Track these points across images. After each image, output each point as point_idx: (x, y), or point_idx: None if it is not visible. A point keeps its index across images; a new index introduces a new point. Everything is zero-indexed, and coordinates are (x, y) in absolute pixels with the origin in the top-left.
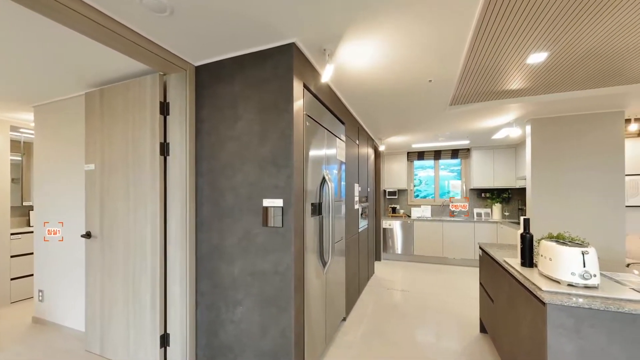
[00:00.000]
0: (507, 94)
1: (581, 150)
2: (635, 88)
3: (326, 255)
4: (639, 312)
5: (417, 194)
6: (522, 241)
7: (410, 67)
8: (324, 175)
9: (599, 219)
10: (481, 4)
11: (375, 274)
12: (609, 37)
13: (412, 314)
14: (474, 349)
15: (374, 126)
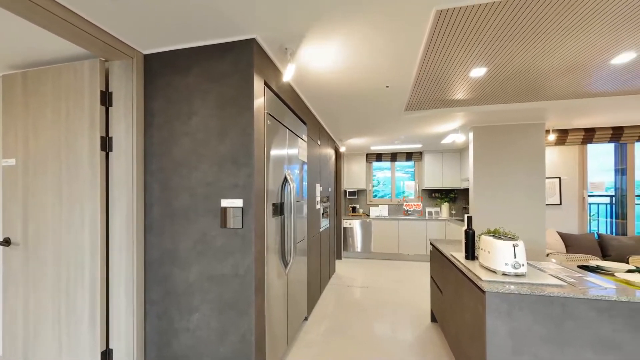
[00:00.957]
0: (454, 103)
1: (513, 156)
2: (553, 104)
3: (288, 256)
4: (556, 295)
5: (375, 194)
6: (465, 237)
7: (370, 72)
8: (286, 175)
9: (526, 216)
10: (431, 20)
11: (337, 272)
12: (534, 59)
13: (371, 309)
14: (425, 338)
15: (335, 127)
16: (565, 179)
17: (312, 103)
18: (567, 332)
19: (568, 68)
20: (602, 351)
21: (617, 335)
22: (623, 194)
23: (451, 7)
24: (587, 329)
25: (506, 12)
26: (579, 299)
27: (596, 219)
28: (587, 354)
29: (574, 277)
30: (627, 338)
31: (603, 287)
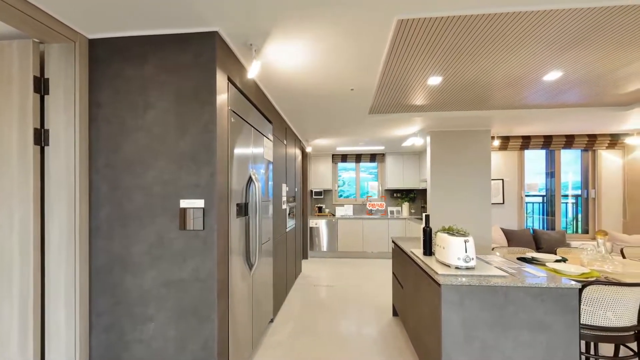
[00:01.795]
0: (414, 108)
1: (464, 159)
2: (497, 113)
3: (253, 257)
4: (499, 285)
5: (340, 194)
6: (423, 234)
7: (335, 74)
8: (251, 174)
9: (475, 214)
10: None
11: (303, 272)
12: (481, 72)
13: (336, 307)
14: (387, 331)
15: (301, 127)
16: (507, 181)
17: (278, 102)
18: (509, 317)
19: (509, 82)
20: (537, 331)
21: (547, 317)
22: (552, 194)
23: (411, 18)
24: (524, 313)
25: (458, 27)
26: (517, 287)
27: (531, 216)
28: (525, 334)
29: (514, 268)
30: (556, 319)
31: (537, 276)
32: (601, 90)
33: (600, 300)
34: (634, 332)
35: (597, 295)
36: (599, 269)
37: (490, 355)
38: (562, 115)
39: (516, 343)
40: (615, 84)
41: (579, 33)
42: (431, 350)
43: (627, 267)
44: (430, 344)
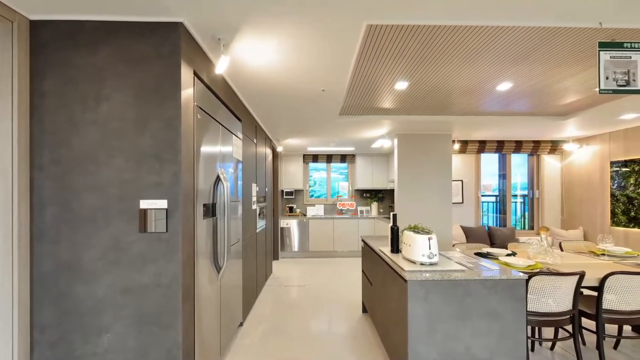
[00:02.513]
0: (382, 111)
1: (429, 161)
2: (457, 118)
3: (221, 260)
4: (459, 278)
5: (312, 194)
6: (391, 232)
7: (307, 74)
8: (219, 173)
9: (438, 213)
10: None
11: (274, 273)
12: (443, 80)
13: (308, 306)
14: (357, 328)
15: (272, 127)
16: (466, 182)
17: (248, 100)
18: (467, 308)
19: (467, 90)
20: (491, 320)
21: (500, 306)
22: (504, 194)
23: (380, 24)
24: (481, 304)
25: (422, 37)
26: (475, 280)
27: (486, 214)
28: (481, 323)
29: (472, 263)
30: (507, 308)
31: (491, 269)
32: (544, 101)
33: (543, 289)
34: (570, 315)
35: (540, 285)
36: (542, 261)
37: (451, 344)
38: (512, 122)
39: (474, 332)
40: (555, 96)
41: (525, 50)
42: (398, 343)
43: (565, 259)
44: (397, 337)
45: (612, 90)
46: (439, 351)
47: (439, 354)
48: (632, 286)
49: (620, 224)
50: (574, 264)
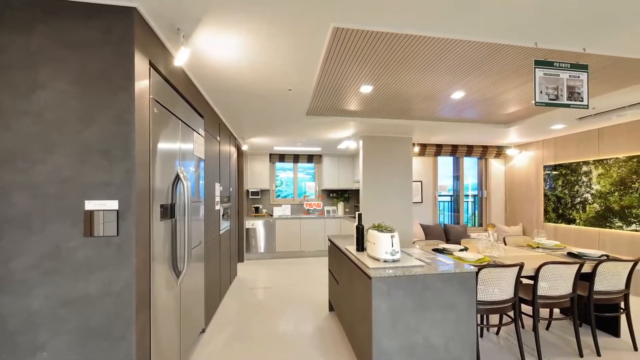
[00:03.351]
0: (348, 113)
1: (391, 162)
2: (417, 123)
3: (181, 264)
4: (419, 274)
5: (278, 194)
6: (356, 231)
7: (273, 73)
8: (178, 172)
9: (400, 212)
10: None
11: (238, 276)
12: (405, 86)
13: (274, 308)
14: (324, 327)
15: (237, 124)
16: (424, 182)
17: (212, 96)
18: (426, 301)
19: (426, 97)
20: (447, 310)
21: (454, 298)
22: (457, 194)
23: (346, 27)
24: (438, 296)
25: (385, 43)
26: (433, 274)
27: (442, 213)
28: (438, 314)
29: (430, 258)
30: (461, 299)
31: (447, 264)
32: (491, 110)
33: (490, 280)
34: (512, 303)
35: (488, 276)
36: (489, 254)
37: (412, 336)
38: (465, 128)
39: (432, 323)
40: (500, 106)
41: (474, 62)
42: (363, 338)
43: (508, 252)
44: (362, 332)
45: (545, 103)
46: (401, 343)
47: (401, 346)
48: (560, 274)
49: (552, 220)
50: (515, 257)
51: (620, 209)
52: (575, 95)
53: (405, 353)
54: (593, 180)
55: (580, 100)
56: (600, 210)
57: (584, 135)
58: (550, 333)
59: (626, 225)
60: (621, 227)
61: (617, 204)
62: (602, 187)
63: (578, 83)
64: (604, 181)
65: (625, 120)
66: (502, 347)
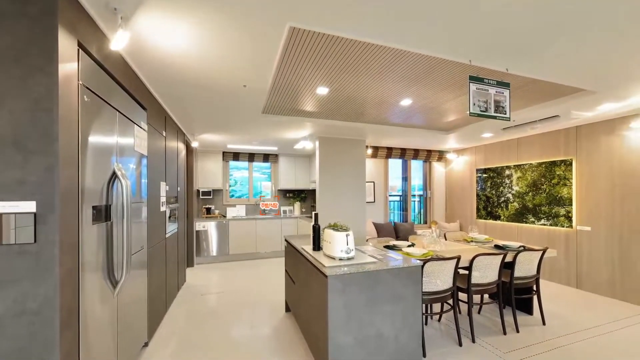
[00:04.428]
0: (305, 114)
1: (346, 163)
2: (370, 126)
3: (118, 273)
4: (372, 270)
5: (232, 194)
6: (313, 231)
7: (227, 67)
8: (115, 169)
9: (354, 211)
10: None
11: (188, 282)
12: (358, 90)
13: (228, 313)
14: (281, 328)
15: (186, 119)
16: (377, 183)
17: (157, 87)
18: (378, 295)
19: (378, 102)
20: (396, 303)
21: (403, 290)
22: (406, 194)
23: (302, 28)
24: (389, 290)
25: (341, 48)
26: (384, 270)
27: (393, 212)
28: (388, 307)
29: (382, 255)
30: (408, 291)
31: (396, 259)
32: (434, 118)
33: (433, 272)
34: (451, 292)
35: (431, 269)
36: (433, 249)
37: (365, 329)
38: (412, 133)
39: (383, 315)
40: (442, 115)
41: (420, 73)
42: (319, 335)
43: (448, 246)
44: (319, 330)
45: (477, 113)
46: (355, 337)
47: (355, 340)
48: (489, 264)
49: (482, 217)
50: (454, 250)
51: (533, 207)
52: (500, 108)
53: (359, 347)
54: (513, 182)
55: (504, 113)
56: (518, 208)
57: (506, 144)
58: (481, 316)
59: (537, 220)
60: (533, 222)
61: (531, 202)
62: (520, 188)
63: (502, 98)
64: (521, 183)
65: (537, 132)
66: (443, 332)
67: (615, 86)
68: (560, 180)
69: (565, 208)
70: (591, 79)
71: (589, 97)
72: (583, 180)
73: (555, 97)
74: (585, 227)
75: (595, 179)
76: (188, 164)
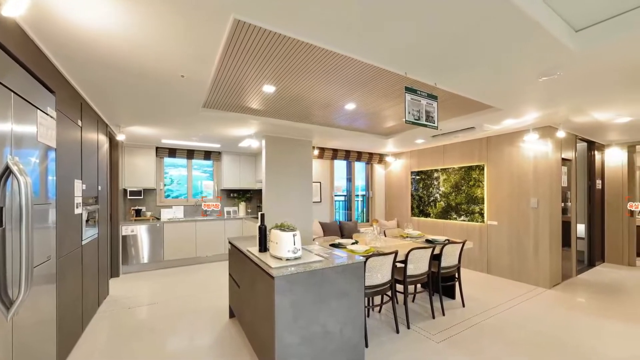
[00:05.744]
0: (250, 111)
1: (293, 163)
2: (316, 128)
3: (13, 290)
4: (318, 268)
5: (168, 194)
6: (259, 232)
7: (162, 53)
8: (10, 164)
9: (301, 211)
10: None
11: (112, 294)
12: (305, 91)
13: (163, 326)
14: (224, 335)
15: (109, 108)
16: (323, 183)
17: (70, 68)
18: (324, 292)
19: (324, 104)
20: (341, 298)
21: (347, 286)
22: (350, 194)
23: (247, 22)
24: (334, 286)
25: (288, 47)
26: (330, 268)
27: (338, 211)
28: (334, 303)
29: (327, 253)
30: (352, 286)
31: (341, 257)
32: (375, 123)
33: (374, 267)
34: (389, 284)
35: (373, 264)
36: (374, 245)
37: (312, 327)
38: (356, 136)
39: (329, 311)
40: (382, 120)
41: (364, 80)
42: (265, 338)
43: (387, 242)
44: (265, 333)
45: (412, 121)
46: (302, 335)
47: (302, 338)
48: (421, 257)
49: (416, 215)
50: (392, 246)
51: (455, 205)
52: (430, 118)
53: (306, 345)
54: (440, 184)
55: (433, 122)
56: (444, 206)
57: (435, 149)
58: (415, 304)
59: (458, 217)
60: (456, 219)
61: (454, 201)
62: (445, 189)
63: (431, 109)
64: (446, 185)
65: (459, 140)
66: (383, 322)
67: (515, 106)
68: (476, 182)
69: (479, 206)
70: (498, 98)
71: (496, 113)
72: (492, 183)
73: (472, 111)
74: (493, 222)
75: (500, 181)
76: (112, 159)
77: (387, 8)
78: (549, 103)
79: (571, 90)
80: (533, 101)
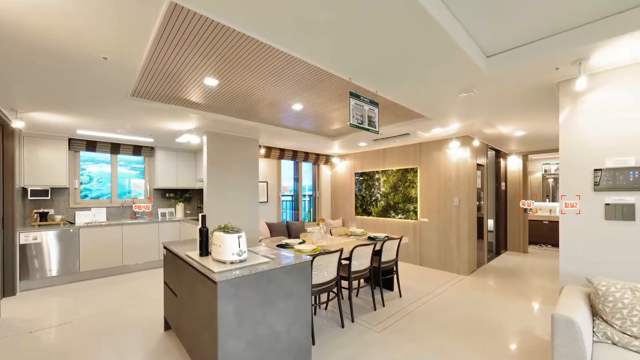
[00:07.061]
0: (190, 104)
1: (238, 162)
2: (263, 126)
3: None
4: (265, 270)
5: (85, 194)
6: (200, 235)
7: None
8: None
9: (246, 211)
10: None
11: (4, 318)
12: (251, 88)
13: (80, 346)
14: (158, 349)
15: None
16: (270, 183)
17: None
18: (271, 293)
19: (271, 103)
20: (289, 298)
21: (294, 286)
22: (297, 194)
23: (185, 7)
24: (281, 287)
25: (232, 40)
26: (277, 269)
27: (285, 211)
28: (281, 303)
29: (274, 254)
30: (300, 286)
31: (288, 257)
32: (322, 124)
33: (321, 265)
34: (335, 281)
35: (319, 263)
36: (321, 244)
37: (258, 329)
38: (303, 137)
39: (276, 312)
40: (329, 122)
41: (311, 81)
42: (207, 347)
43: (333, 241)
44: (206, 342)
45: (356, 125)
46: (247, 339)
47: (248, 343)
48: (364, 253)
49: (360, 214)
50: (338, 244)
51: (394, 204)
52: (372, 123)
53: (252, 348)
54: (381, 184)
55: (375, 127)
56: (384, 205)
57: (376, 152)
58: (359, 298)
59: (396, 215)
60: (394, 217)
61: (392, 201)
62: (385, 190)
63: (373, 114)
64: (386, 185)
65: (397, 144)
66: (329, 318)
67: (442, 116)
68: (411, 183)
69: (414, 205)
70: (428, 109)
71: (427, 122)
72: (424, 184)
73: (408, 118)
74: (424, 219)
75: (430, 183)
76: (5, 151)
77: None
78: (467, 116)
79: (483, 106)
80: (455, 113)
